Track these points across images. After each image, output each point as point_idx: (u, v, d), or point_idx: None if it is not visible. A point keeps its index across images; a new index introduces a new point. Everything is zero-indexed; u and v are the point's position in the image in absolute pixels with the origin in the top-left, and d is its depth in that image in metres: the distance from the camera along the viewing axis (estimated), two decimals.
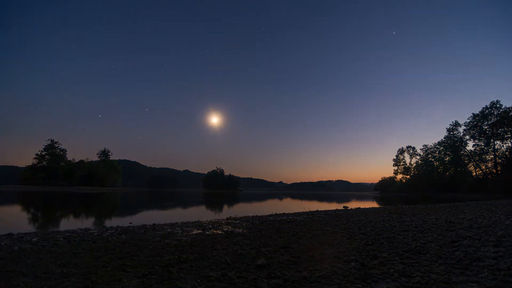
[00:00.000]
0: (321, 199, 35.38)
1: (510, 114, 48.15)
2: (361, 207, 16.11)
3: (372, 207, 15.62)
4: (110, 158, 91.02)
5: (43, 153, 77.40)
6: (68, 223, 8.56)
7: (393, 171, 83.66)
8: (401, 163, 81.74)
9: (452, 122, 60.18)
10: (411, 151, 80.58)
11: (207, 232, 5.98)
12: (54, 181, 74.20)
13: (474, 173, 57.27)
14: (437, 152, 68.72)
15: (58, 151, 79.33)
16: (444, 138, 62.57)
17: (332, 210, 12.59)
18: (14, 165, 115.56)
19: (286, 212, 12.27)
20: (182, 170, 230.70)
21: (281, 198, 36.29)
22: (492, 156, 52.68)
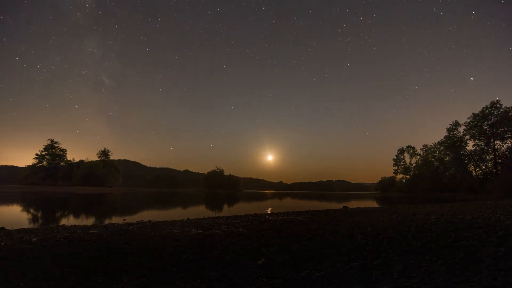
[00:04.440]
0: (321, 199, 35.37)
1: (510, 114, 48.12)
2: (361, 207, 16.11)
3: (372, 207, 15.62)
4: (110, 158, 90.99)
5: (43, 153, 77.33)
6: (68, 223, 8.56)
7: (393, 171, 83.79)
8: (401, 163, 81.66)
9: (452, 122, 59.96)
10: (411, 151, 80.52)
11: (207, 232, 5.98)
12: (54, 181, 74.14)
13: (474, 173, 57.19)
14: (437, 152, 68.65)
15: (58, 151, 79.28)
16: (444, 138, 62.47)
17: (332, 210, 12.59)
18: (14, 165, 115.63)
19: (286, 212, 12.27)
20: (182, 170, 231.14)
21: (281, 198, 36.29)
22: (492, 156, 52.64)
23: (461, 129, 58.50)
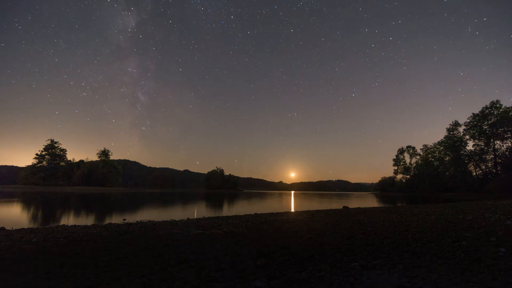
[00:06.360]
0: (321, 199, 35.36)
1: (510, 114, 48.15)
2: (361, 207, 16.11)
3: (372, 207, 15.61)
4: (110, 158, 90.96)
5: (43, 153, 77.31)
6: (68, 223, 8.56)
7: (393, 171, 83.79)
8: (401, 163, 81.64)
9: (452, 122, 60.00)
10: (411, 151, 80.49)
11: (207, 232, 5.98)
12: (53, 181, 74.14)
13: (474, 173, 57.16)
14: (437, 152, 68.69)
15: (58, 151, 79.26)
16: (444, 138, 62.48)
17: (332, 210, 12.59)
18: (14, 165, 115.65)
19: (286, 211, 12.27)
20: (182, 170, 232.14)
21: (281, 198, 36.29)
22: (492, 156, 52.66)
23: (461, 129, 58.55)
